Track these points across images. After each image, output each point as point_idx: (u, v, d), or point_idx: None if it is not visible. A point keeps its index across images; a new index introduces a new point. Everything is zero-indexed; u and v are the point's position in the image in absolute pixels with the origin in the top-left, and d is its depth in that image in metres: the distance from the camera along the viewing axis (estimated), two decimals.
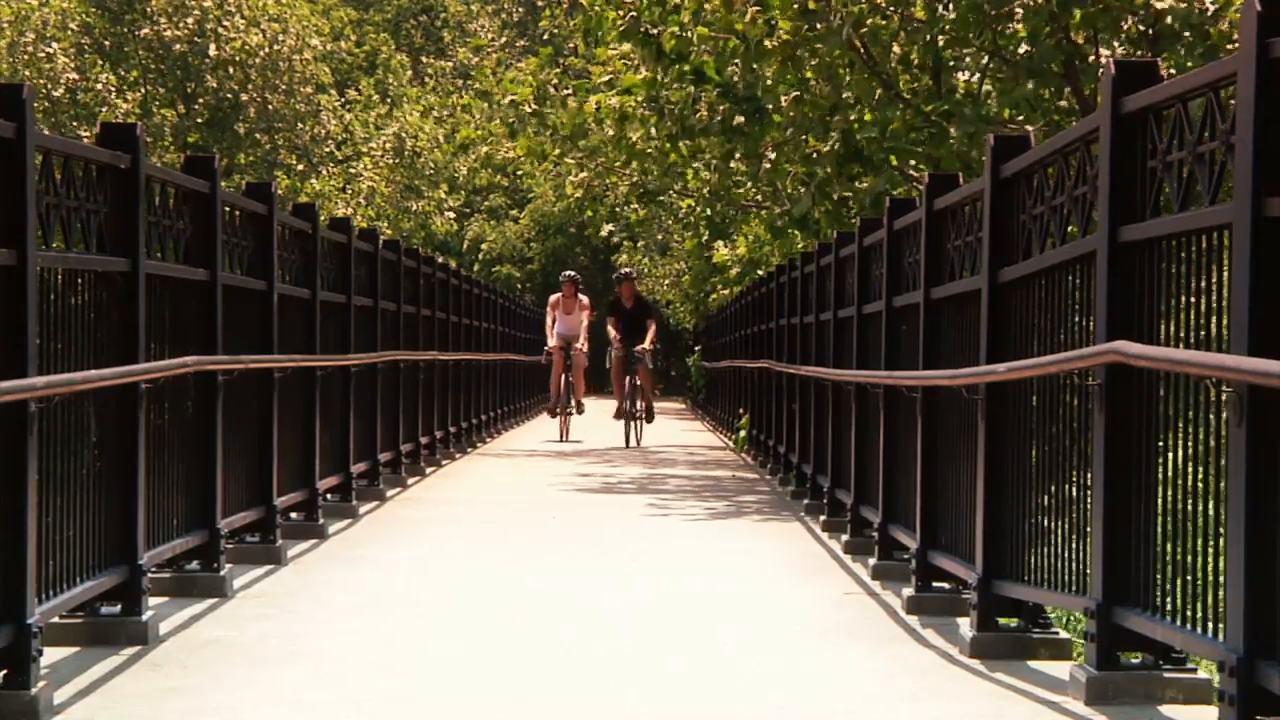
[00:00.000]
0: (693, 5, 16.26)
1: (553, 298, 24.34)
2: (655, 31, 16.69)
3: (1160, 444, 6.31)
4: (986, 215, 8.07)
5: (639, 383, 22.81)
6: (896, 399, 10.09)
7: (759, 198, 20.39)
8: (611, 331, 23.25)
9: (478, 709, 6.57)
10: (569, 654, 7.65)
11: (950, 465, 8.80)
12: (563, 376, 23.48)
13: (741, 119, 16.36)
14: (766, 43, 15.42)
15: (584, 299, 23.96)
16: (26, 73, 35.54)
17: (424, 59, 52.67)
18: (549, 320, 23.98)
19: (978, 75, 16.03)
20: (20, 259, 6.34)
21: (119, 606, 7.68)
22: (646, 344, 22.97)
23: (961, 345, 8.67)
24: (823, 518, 12.83)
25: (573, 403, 23.87)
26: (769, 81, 15.99)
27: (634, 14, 16.77)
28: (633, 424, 22.97)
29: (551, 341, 23.75)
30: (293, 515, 11.71)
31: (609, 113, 18.48)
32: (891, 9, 15.26)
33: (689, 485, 16.95)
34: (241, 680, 6.97)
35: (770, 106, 16.33)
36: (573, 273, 24.53)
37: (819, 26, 15.03)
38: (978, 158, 14.34)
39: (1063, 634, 7.81)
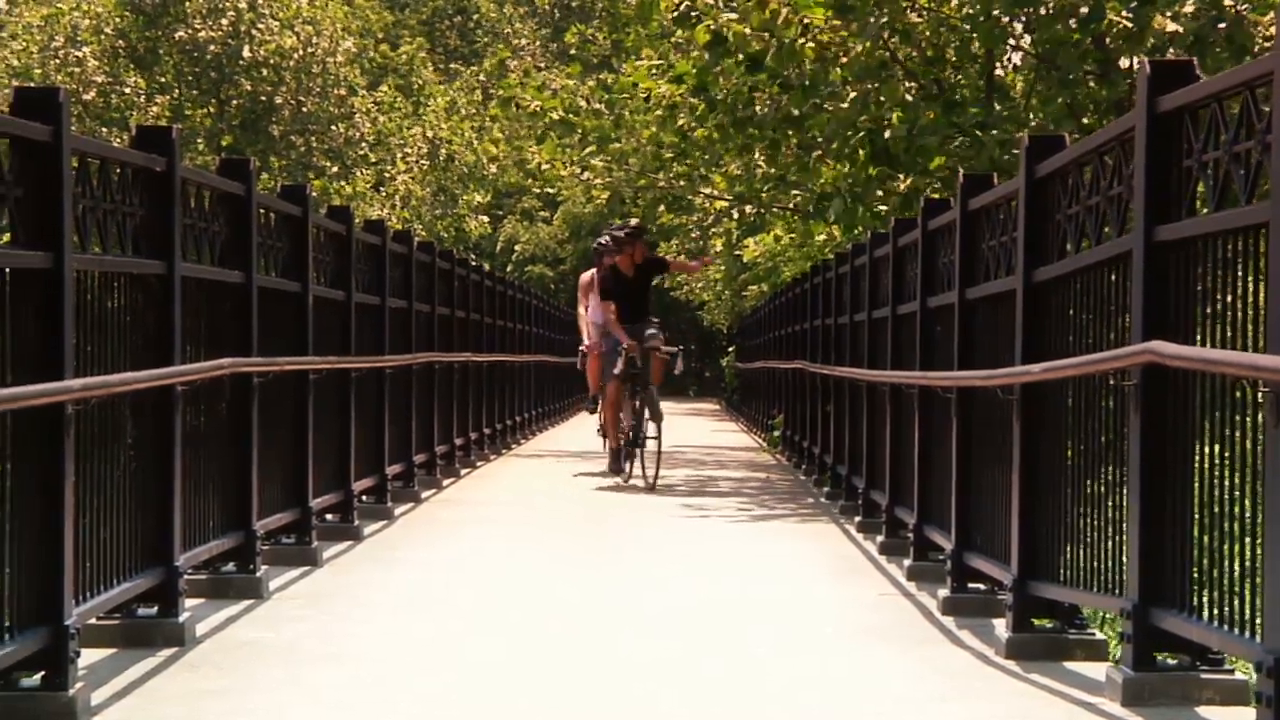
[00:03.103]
0: (714, 13, 16.24)
1: (584, 278, 17.98)
2: (708, 20, 16.66)
3: (1196, 444, 6.29)
4: (1021, 215, 8.05)
5: (651, 387, 16.16)
6: (931, 400, 10.07)
7: (789, 204, 20.35)
8: (613, 320, 16.23)
9: (515, 710, 6.58)
10: (605, 655, 7.65)
11: (985, 466, 8.78)
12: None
13: (796, 111, 16.32)
14: (799, 43, 15.41)
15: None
16: (57, 77, 35.67)
17: (455, 64, 52.71)
18: (582, 308, 17.92)
19: (1011, 71, 16.00)
20: (57, 262, 6.36)
21: (156, 608, 7.70)
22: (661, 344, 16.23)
23: (996, 346, 8.65)
24: (857, 519, 12.81)
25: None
26: (807, 81, 15.98)
27: (688, 1, 16.76)
28: (640, 452, 16.26)
29: (589, 335, 17.59)
30: (328, 517, 11.73)
31: (658, 101, 18.47)
32: (927, 6, 15.25)
33: (723, 486, 16.94)
34: (278, 681, 6.99)
35: (819, 100, 16.30)
36: (608, 240, 17.18)
37: (852, 25, 15.02)
38: (1010, 162, 14.33)
39: (1098, 635, 7.79)
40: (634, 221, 16.69)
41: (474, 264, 21.08)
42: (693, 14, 16.67)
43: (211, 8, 36.82)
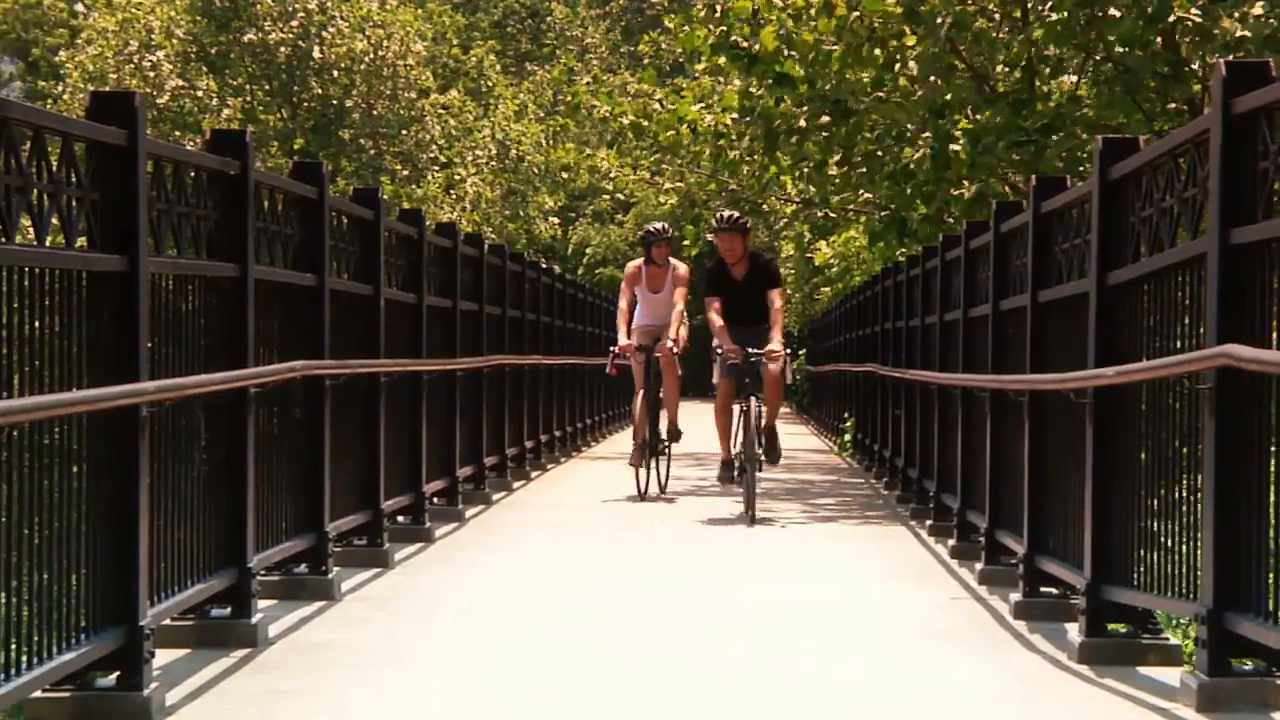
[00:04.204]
0: (782, 18, 16.24)
1: (631, 267, 15.79)
2: (746, 44, 16.71)
3: (1272, 448, 6.24)
4: (1095, 218, 8.01)
5: (762, 408, 13.91)
6: (1003, 403, 10.03)
7: (853, 206, 20.34)
8: (715, 319, 13.95)
9: (585, 712, 6.58)
10: (675, 658, 7.65)
11: (1058, 469, 8.74)
12: (643, 397, 15.22)
13: (828, 118, 16.31)
14: (865, 49, 15.42)
15: (680, 267, 15.65)
16: (132, 81, 35.93)
17: (528, 65, 52.83)
18: (623, 303, 15.63)
19: (1075, 79, 15.94)
20: (132, 265, 6.41)
21: (229, 609, 7.74)
22: (779, 338, 13.81)
23: (1069, 349, 8.61)
24: (929, 522, 12.78)
25: (660, 436, 15.63)
26: (866, 86, 15.97)
27: (724, 28, 16.81)
28: (746, 478, 13.65)
29: (624, 336, 15.38)
30: (399, 519, 11.76)
31: (706, 132, 18.49)
32: (995, 10, 15.21)
33: (793, 489, 16.91)
34: (350, 682, 7.01)
35: (860, 109, 16.30)
36: (663, 225, 15.81)
37: (920, 29, 14.99)
38: (1074, 167, 14.29)
39: (1173, 639, 7.74)
40: (727, 212, 14.46)
41: (544, 266, 21.10)
42: (730, 41, 16.71)
43: (281, 10, 37.01)
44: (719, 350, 13.76)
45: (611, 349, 15.38)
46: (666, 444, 15.65)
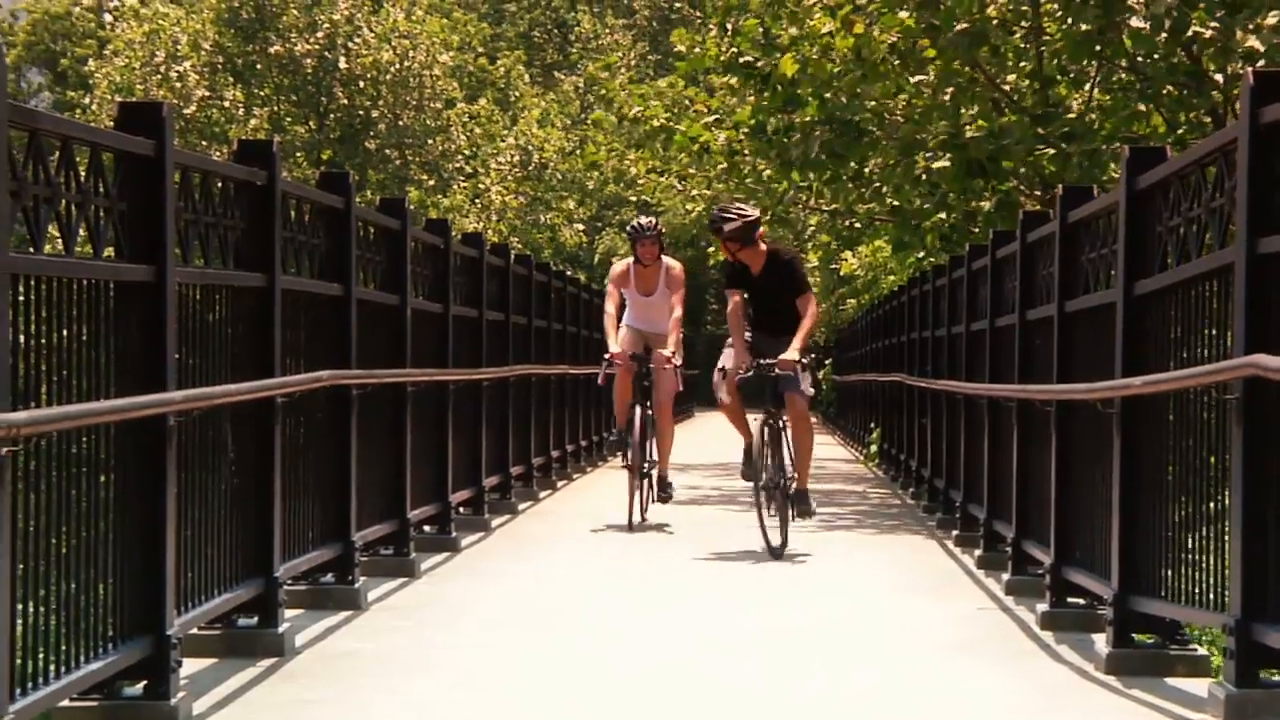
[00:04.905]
0: (803, 48, 16.26)
1: (618, 267, 13.98)
2: (758, 62, 16.73)
3: None
4: (1122, 227, 8.00)
5: (786, 425, 11.91)
6: (1030, 413, 10.02)
7: (880, 216, 20.36)
8: (732, 318, 12.10)
9: None
10: (701, 670, 7.64)
11: (1085, 480, 8.72)
12: (635, 409, 13.53)
13: (831, 135, 16.33)
14: (884, 65, 15.43)
15: (673, 265, 13.75)
16: (159, 92, 36.05)
17: (556, 74, 52.91)
18: (610, 306, 13.71)
19: (1091, 89, 15.93)
20: (159, 275, 6.42)
21: (256, 618, 7.75)
22: (796, 346, 11.68)
23: (1096, 358, 8.59)
24: (955, 532, 12.76)
25: (647, 465, 13.80)
26: (881, 99, 15.98)
27: (734, 49, 16.84)
28: (777, 513, 11.90)
29: (615, 344, 13.56)
30: (426, 528, 11.77)
31: (719, 151, 18.50)
32: (1013, 24, 15.22)
33: (820, 499, 16.87)
34: (376, 691, 7.02)
35: (875, 129, 16.31)
36: (650, 220, 13.87)
37: (939, 38, 15.00)
38: (1098, 175, 14.26)
39: (1200, 650, 7.71)
40: (736, 209, 12.09)
41: (570, 276, 21.11)
42: (741, 59, 16.72)
43: (307, 21, 37.11)
44: (723, 367, 11.93)
45: (605, 357, 13.60)
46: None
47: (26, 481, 5.42)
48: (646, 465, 13.78)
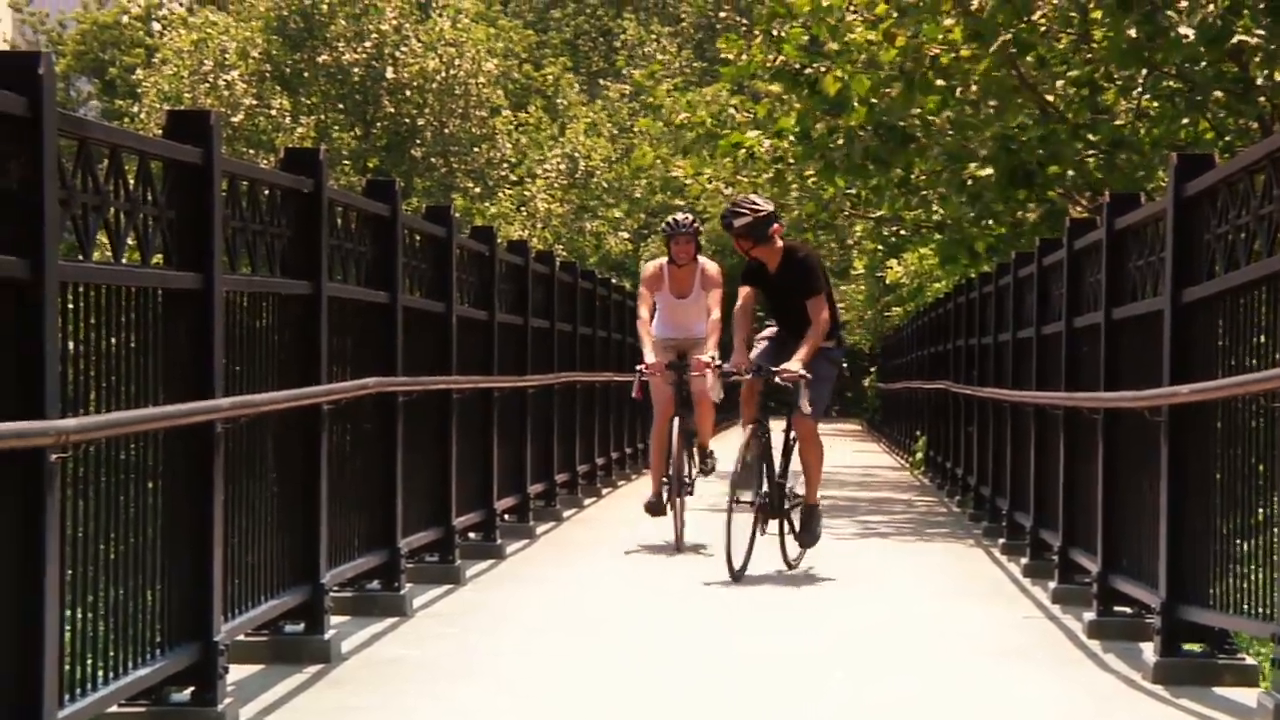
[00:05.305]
0: (843, 63, 16.26)
1: (649, 268, 13.14)
2: (804, 69, 16.73)
3: None
4: (1170, 235, 7.96)
5: (795, 437, 11.14)
6: (1077, 421, 9.98)
7: (925, 224, 20.32)
8: (738, 315, 11.28)
9: None
10: (746, 676, 7.63)
11: (1132, 488, 8.68)
12: (674, 424, 12.79)
13: (876, 141, 16.30)
14: (929, 75, 15.42)
15: (709, 265, 12.99)
16: (207, 100, 36.20)
17: (601, 81, 52.95)
18: (643, 311, 12.83)
19: (1139, 96, 15.89)
20: (207, 283, 6.44)
21: (302, 625, 7.77)
22: (799, 356, 10.77)
23: (1143, 366, 8.56)
24: (1001, 540, 12.72)
25: (690, 474, 13.26)
26: (933, 106, 15.96)
27: (782, 57, 16.83)
28: (776, 524, 11.32)
29: (650, 353, 12.65)
30: (471, 535, 11.79)
31: (764, 157, 18.49)
32: (1060, 31, 15.19)
33: (865, 507, 16.86)
34: (421, 698, 7.03)
35: (920, 136, 16.28)
36: (686, 216, 13.04)
37: (981, 48, 14.98)
38: (1143, 182, 14.22)
39: (1249, 660, 7.67)
40: (745, 203, 11.20)
41: (615, 283, 21.14)
42: (788, 68, 16.70)
43: (355, 31, 37.23)
44: (722, 366, 11.37)
45: (638, 368, 12.65)
46: (690, 480, 12.95)
47: (75, 488, 5.44)
48: (688, 481, 13.10)
